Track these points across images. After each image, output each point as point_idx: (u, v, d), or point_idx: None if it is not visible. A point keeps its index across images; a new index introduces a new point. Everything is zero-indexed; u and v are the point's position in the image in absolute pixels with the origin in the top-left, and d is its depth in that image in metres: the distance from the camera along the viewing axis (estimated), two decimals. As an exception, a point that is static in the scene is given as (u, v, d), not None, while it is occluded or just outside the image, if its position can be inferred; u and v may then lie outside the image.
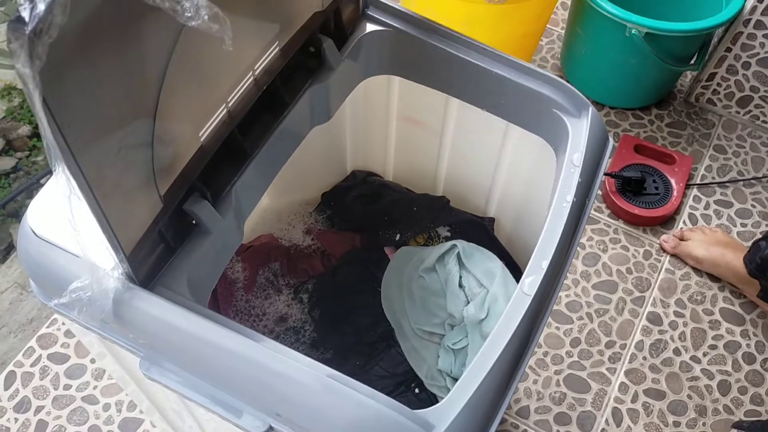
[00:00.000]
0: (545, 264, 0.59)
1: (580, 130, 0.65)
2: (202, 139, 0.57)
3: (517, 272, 0.87)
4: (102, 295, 0.51)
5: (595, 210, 1.38)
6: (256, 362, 0.52)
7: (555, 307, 1.24)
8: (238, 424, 0.54)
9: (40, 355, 1.19)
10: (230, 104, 0.59)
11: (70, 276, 0.52)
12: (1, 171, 1.69)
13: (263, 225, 0.95)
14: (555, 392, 1.17)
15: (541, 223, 0.63)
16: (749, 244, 1.24)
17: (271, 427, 0.54)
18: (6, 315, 1.38)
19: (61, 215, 0.56)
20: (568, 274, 1.29)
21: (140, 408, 1.10)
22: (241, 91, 0.59)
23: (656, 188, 1.37)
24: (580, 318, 1.25)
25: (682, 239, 1.31)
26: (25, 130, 1.75)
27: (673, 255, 1.32)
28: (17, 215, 1.61)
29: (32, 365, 1.18)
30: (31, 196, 1.61)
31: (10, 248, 1.55)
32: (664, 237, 1.33)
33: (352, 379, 0.51)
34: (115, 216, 0.46)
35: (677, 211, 1.37)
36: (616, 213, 1.37)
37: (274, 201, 0.95)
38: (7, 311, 1.39)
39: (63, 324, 1.22)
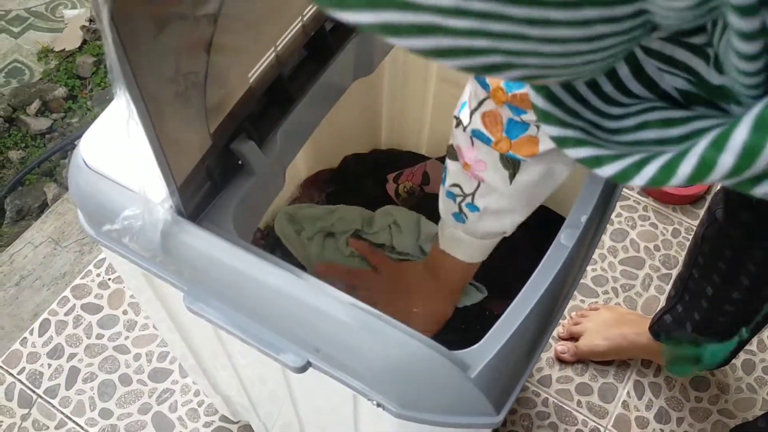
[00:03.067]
0: (584, 218, 0.59)
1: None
2: (251, 80, 0.58)
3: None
4: (152, 226, 0.53)
5: (625, 187, 1.38)
6: (298, 297, 0.53)
7: (581, 281, 1.25)
8: (276, 358, 0.55)
9: (74, 304, 1.22)
10: (279, 48, 0.60)
11: (119, 207, 0.54)
12: (37, 131, 1.72)
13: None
14: (577, 363, 1.17)
15: (578, 183, 0.63)
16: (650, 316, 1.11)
17: (309, 362, 0.55)
18: (39, 268, 1.42)
19: (113, 148, 0.58)
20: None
21: (173, 353, 1.13)
22: (289, 36, 0.60)
23: (688, 167, 1.36)
24: (606, 292, 1.26)
25: (572, 337, 1.18)
26: (61, 92, 1.77)
27: (576, 362, 1.18)
28: (52, 174, 1.64)
29: (66, 314, 1.21)
30: (65, 157, 1.65)
31: (44, 206, 1.58)
32: (558, 349, 1.17)
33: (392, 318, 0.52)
34: (169, 145, 0.48)
35: (708, 190, 1.36)
36: (646, 190, 1.37)
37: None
38: (41, 265, 1.42)
39: (97, 275, 1.25)
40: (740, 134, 0.25)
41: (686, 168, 0.27)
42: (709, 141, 0.26)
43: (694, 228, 1.32)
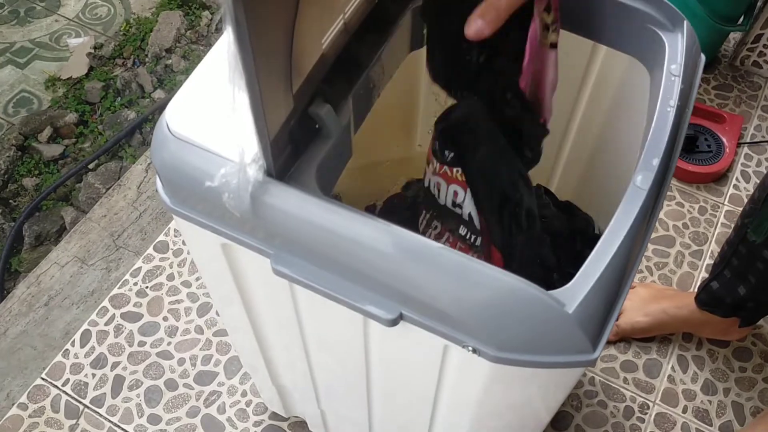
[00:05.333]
0: (656, 162, 0.61)
1: (676, 43, 0.67)
2: (324, 46, 0.59)
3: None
4: (245, 184, 0.53)
5: (647, 169, 1.40)
6: (387, 247, 0.54)
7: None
8: (368, 312, 0.56)
9: (114, 314, 1.22)
10: (346, 15, 0.61)
11: (204, 173, 0.55)
12: (50, 157, 1.73)
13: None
14: (619, 342, 1.18)
15: (628, 138, 0.64)
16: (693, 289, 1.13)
17: (401, 314, 0.56)
18: (67, 287, 1.41)
19: (198, 116, 0.59)
20: (625, 230, 1.30)
21: (232, 341, 1.12)
22: (355, 3, 0.62)
23: (708, 146, 1.39)
24: (640, 271, 1.27)
25: None
26: (71, 117, 1.79)
27: (618, 341, 1.19)
28: (68, 199, 1.65)
29: (106, 324, 1.21)
30: (80, 181, 1.65)
31: (62, 230, 1.59)
32: None
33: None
34: (266, 98, 0.49)
35: (730, 168, 1.39)
36: (669, 171, 1.39)
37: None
38: (69, 284, 1.42)
39: (134, 284, 1.25)
40: None
41: None
42: None
43: (720, 205, 1.34)
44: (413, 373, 0.67)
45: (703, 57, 0.70)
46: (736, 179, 1.38)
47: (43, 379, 1.15)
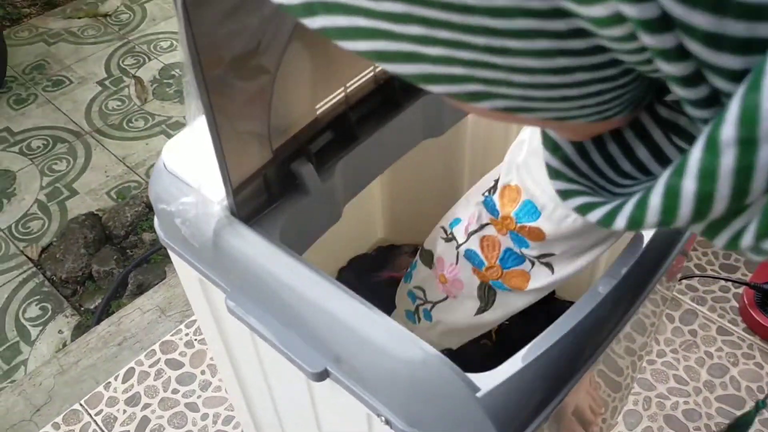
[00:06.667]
0: (624, 270, 0.58)
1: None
2: (318, 112, 0.64)
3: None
4: (205, 217, 0.58)
5: (729, 322, 1.29)
6: (323, 304, 0.55)
7: (670, 412, 1.16)
8: (298, 363, 0.57)
9: (160, 358, 1.29)
10: (348, 90, 0.66)
11: (170, 200, 0.60)
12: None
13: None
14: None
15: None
16: None
17: (327, 370, 0.56)
18: (142, 332, 1.51)
19: (192, 155, 0.65)
20: (689, 380, 1.20)
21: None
22: (360, 81, 0.67)
23: (800, 305, 1.26)
24: (697, 428, 1.15)
25: None
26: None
27: None
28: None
29: (151, 366, 1.28)
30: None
31: (162, 282, 1.71)
32: None
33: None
34: (229, 149, 0.54)
35: (825, 336, 1.25)
36: (753, 328, 1.27)
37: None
38: (144, 329, 1.52)
39: (186, 335, 1.32)
40: (695, 155, 0.24)
41: (655, 200, 0.26)
42: (672, 169, 0.25)
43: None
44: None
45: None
46: (833, 350, 1.23)
47: (80, 405, 1.22)
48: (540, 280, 0.60)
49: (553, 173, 0.34)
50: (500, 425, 0.50)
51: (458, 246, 0.62)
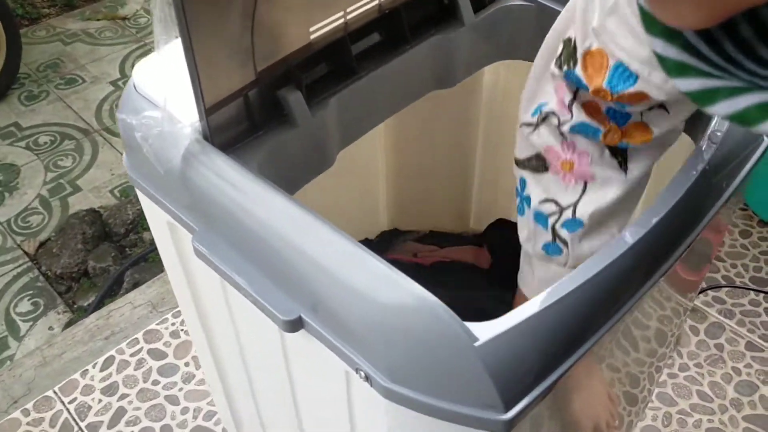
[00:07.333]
0: (654, 220, 0.49)
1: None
2: (312, 36, 0.57)
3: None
4: (173, 139, 0.50)
5: (759, 337, 1.18)
6: (304, 236, 0.47)
7: (692, 430, 1.05)
8: (267, 309, 0.49)
9: (142, 347, 1.20)
10: (349, 16, 0.59)
11: (137, 122, 0.52)
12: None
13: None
14: None
15: None
16: None
17: (300, 318, 0.48)
18: (131, 327, 1.43)
19: (165, 77, 0.58)
20: (714, 397, 1.09)
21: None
22: (362, 7, 0.60)
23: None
24: (722, 448, 1.04)
25: None
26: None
27: None
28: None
29: (132, 355, 1.19)
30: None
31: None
32: None
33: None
34: (203, 59, 0.46)
35: None
36: (786, 345, 1.17)
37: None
38: (133, 325, 1.44)
39: (172, 324, 1.24)
40: None
41: None
42: None
43: None
44: (330, 408, 0.57)
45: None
46: None
47: (54, 392, 1.14)
48: (660, 126, 0.51)
49: (675, 67, 0.28)
50: (499, 382, 0.41)
51: (559, 125, 0.52)
